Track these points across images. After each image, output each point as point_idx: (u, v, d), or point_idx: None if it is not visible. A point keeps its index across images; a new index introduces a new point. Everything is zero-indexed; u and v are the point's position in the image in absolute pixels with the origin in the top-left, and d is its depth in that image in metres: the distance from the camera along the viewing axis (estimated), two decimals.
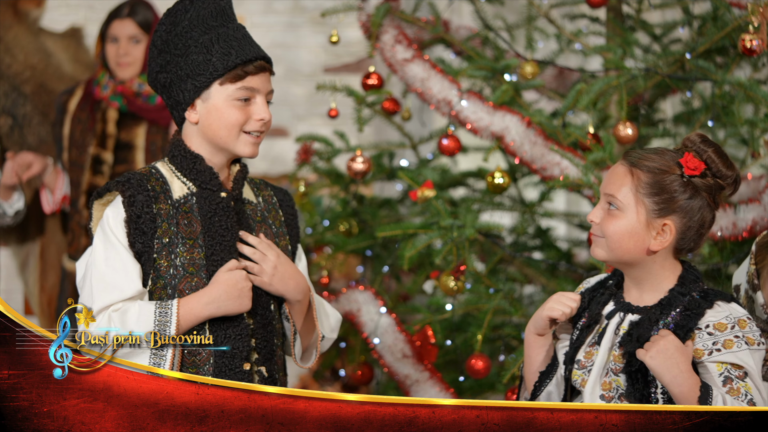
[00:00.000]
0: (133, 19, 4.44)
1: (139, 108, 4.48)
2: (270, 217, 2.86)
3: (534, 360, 2.70)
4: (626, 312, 2.62)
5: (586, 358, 2.62)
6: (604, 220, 2.60)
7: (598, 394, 2.58)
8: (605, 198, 2.62)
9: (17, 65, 4.84)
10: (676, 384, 2.47)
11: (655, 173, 2.60)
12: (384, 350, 3.84)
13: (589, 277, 2.79)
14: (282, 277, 2.76)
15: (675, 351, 2.49)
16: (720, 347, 2.53)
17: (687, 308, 2.57)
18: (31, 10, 4.89)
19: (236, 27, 2.77)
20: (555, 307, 2.64)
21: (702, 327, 2.55)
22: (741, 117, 3.82)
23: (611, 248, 2.60)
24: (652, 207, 2.59)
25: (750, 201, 3.66)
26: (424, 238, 3.77)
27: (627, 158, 2.63)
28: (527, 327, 2.69)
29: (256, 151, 2.77)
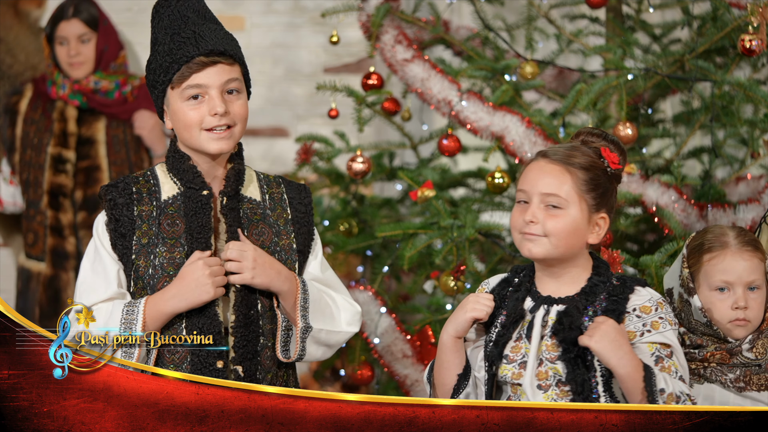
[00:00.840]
0: (79, 18, 4.45)
1: (99, 104, 4.50)
2: (273, 215, 2.85)
3: (452, 363, 2.73)
4: (549, 304, 2.70)
5: (514, 353, 2.68)
6: (546, 219, 2.67)
7: (536, 384, 2.64)
8: (542, 198, 2.67)
9: (18, 65, 4.85)
10: (622, 365, 2.56)
11: (589, 169, 2.70)
12: (384, 350, 3.84)
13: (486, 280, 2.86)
14: (263, 268, 2.74)
15: (617, 334, 2.59)
16: (649, 328, 2.65)
17: (611, 294, 2.68)
18: (31, 10, 4.90)
19: (191, 26, 2.75)
20: (477, 307, 2.71)
21: (630, 310, 2.67)
22: (740, 117, 3.83)
23: (555, 245, 2.67)
24: (590, 202, 2.69)
25: (750, 201, 3.67)
26: (424, 238, 3.77)
27: (553, 157, 2.70)
28: (445, 331, 2.73)
29: (223, 146, 2.76)
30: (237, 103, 2.77)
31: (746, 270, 2.84)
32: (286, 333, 2.80)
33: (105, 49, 4.50)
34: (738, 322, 2.83)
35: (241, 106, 2.78)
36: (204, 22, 2.77)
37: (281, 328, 2.79)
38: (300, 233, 2.87)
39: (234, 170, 2.81)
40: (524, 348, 2.68)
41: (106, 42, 4.50)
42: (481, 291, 2.82)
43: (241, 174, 2.83)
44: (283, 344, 2.80)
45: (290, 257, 2.84)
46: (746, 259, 2.84)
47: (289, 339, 2.81)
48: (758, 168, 4.13)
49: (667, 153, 4.34)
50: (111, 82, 4.51)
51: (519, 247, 2.71)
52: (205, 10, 2.82)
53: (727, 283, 2.84)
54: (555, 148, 2.74)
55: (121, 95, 4.53)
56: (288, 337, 2.80)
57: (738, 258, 2.84)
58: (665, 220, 3.57)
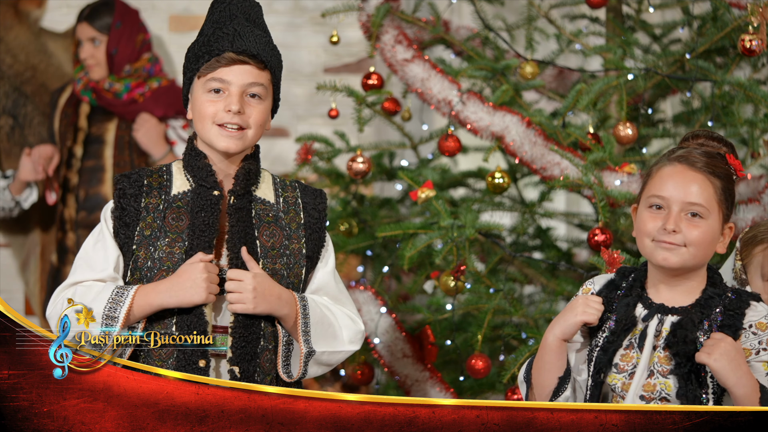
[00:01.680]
0: (88, 22, 4.48)
1: (108, 102, 4.53)
2: (286, 218, 2.85)
3: (554, 365, 2.67)
4: (664, 314, 2.62)
5: (624, 362, 2.61)
6: (688, 228, 2.59)
7: (639, 394, 2.58)
8: (684, 206, 2.59)
9: (18, 65, 4.85)
10: (740, 385, 2.49)
11: (725, 179, 2.63)
12: (384, 350, 3.84)
13: (590, 279, 2.79)
14: (263, 296, 2.73)
15: (736, 353, 2.51)
16: (765, 346, 2.56)
17: (728, 308, 2.59)
18: (32, 10, 4.90)
19: (234, 24, 2.78)
20: (588, 311, 2.64)
21: (746, 327, 2.58)
22: (741, 117, 3.83)
23: (693, 255, 2.59)
24: (725, 212, 2.63)
25: (750, 201, 3.67)
26: (424, 238, 3.77)
27: (696, 165, 2.61)
28: (551, 332, 2.66)
29: (231, 144, 2.77)
30: (257, 107, 2.78)
31: None
32: (287, 348, 2.80)
33: (114, 52, 4.52)
34: None
35: (260, 111, 2.79)
36: (250, 25, 2.79)
37: (282, 343, 2.79)
38: (311, 239, 2.87)
39: (244, 169, 2.82)
40: (635, 358, 2.61)
41: (115, 45, 4.52)
42: (586, 291, 2.75)
43: (251, 174, 2.83)
44: (284, 359, 2.79)
45: (298, 262, 2.84)
46: None
47: (290, 354, 2.81)
48: (758, 168, 4.14)
49: None
50: (122, 84, 4.53)
51: (650, 255, 2.63)
52: (257, 16, 2.84)
53: None
54: (693, 154, 2.64)
55: (131, 96, 4.54)
56: (289, 352, 2.80)
57: None
58: None
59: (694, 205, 2.59)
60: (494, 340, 4.00)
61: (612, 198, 3.55)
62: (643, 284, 2.69)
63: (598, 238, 3.52)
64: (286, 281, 2.80)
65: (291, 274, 2.82)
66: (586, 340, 2.71)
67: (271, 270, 2.78)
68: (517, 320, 3.86)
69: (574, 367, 2.69)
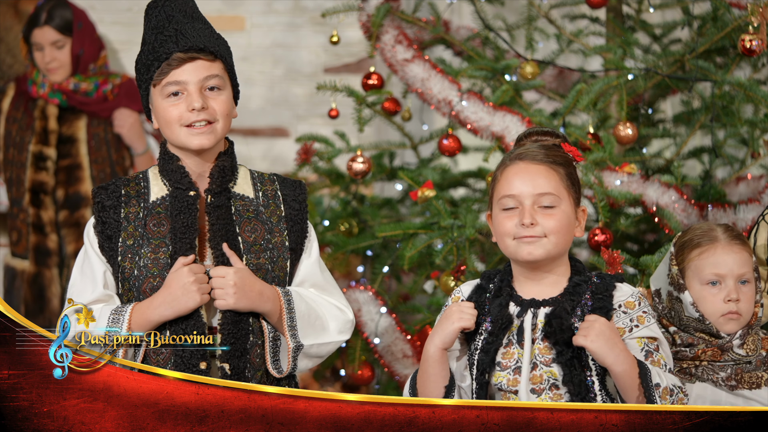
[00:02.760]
0: (51, 26, 4.47)
1: (80, 102, 4.52)
2: (267, 212, 2.85)
3: (439, 375, 2.70)
4: (535, 307, 2.70)
5: (506, 359, 2.68)
6: (543, 219, 2.67)
7: (530, 388, 2.64)
8: (535, 199, 2.67)
9: (18, 65, 4.86)
10: (618, 363, 2.57)
11: (567, 166, 2.72)
12: (384, 350, 3.84)
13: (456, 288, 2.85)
14: (243, 291, 2.73)
15: (611, 332, 2.60)
16: (637, 323, 2.67)
17: (596, 292, 2.69)
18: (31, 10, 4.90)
19: (174, 25, 2.77)
20: (464, 317, 2.69)
21: (616, 307, 2.68)
22: (741, 117, 3.83)
23: (556, 244, 2.68)
24: (574, 196, 2.73)
25: (750, 201, 3.67)
26: (424, 238, 3.77)
27: (535, 158, 2.70)
28: (431, 343, 2.70)
29: (204, 141, 2.76)
30: (218, 99, 2.78)
31: (737, 263, 2.85)
32: (274, 343, 2.79)
33: (81, 53, 4.52)
34: (730, 315, 2.84)
35: (222, 102, 2.78)
36: (189, 21, 2.78)
37: (269, 339, 2.79)
38: (293, 231, 2.87)
39: (218, 167, 2.82)
40: (516, 353, 2.67)
41: (81, 45, 4.52)
42: (456, 299, 2.81)
43: (226, 171, 2.82)
44: (273, 355, 2.79)
45: (282, 255, 2.84)
46: (736, 252, 2.86)
47: (278, 350, 2.80)
48: (758, 168, 4.14)
49: (667, 153, 4.34)
50: (90, 83, 4.53)
51: (515, 253, 2.70)
52: (193, 10, 2.83)
53: (718, 276, 2.85)
54: (530, 149, 2.73)
55: (102, 94, 4.54)
56: (277, 347, 2.80)
57: (729, 251, 2.86)
58: (665, 220, 3.57)
59: (544, 195, 2.68)
60: None
61: (612, 198, 3.55)
62: (510, 283, 2.76)
63: (598, 238, 3.52)
64: (271, 275, 2.80)
65: (276, 267, 2.82)
66: (464, 347, 2.76)
67: (256, 265, 2.78)
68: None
69: (457, 375, 2.74)
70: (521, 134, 2.82)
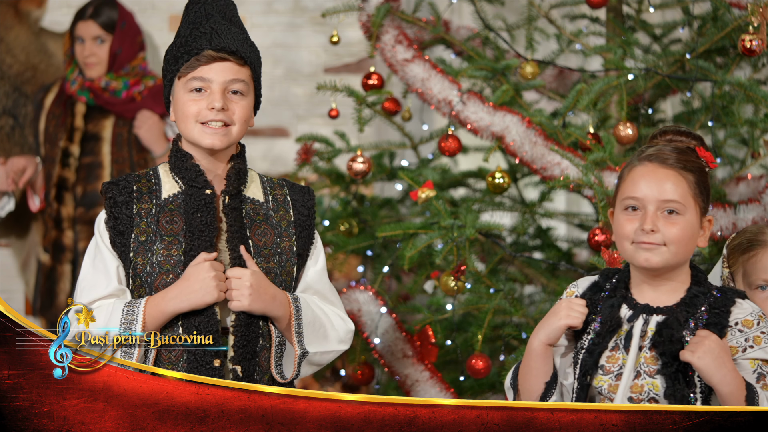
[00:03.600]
0: (95, 21, 4.48)
1: (106, 102, 4.53)
2: (276, 216, 2.86)
3: (541, 370, 2.65)
4: (648, 314, 2.60)
5: (610, 363, 2.60)
6: (666, 227, 2.56)
7: (628, 396, 2.56)
8: (660, 205, 2.57)
9: (18, 66, 4.85)
10: (725, 383, 2.46)
11: (698, 172, 2.61)
12: (384, 350, 3.84)
13: (574, 282, 2.77)
14: (258, 294, 2.73)
15: (721, 351, 2.48)
16: (752, 344, 2.54)
17: (713, 306, 2.57)
18: (32, 10, 4.90)
19: (211, 23, 2.78)
20: (572, 314, 2.61)
21: (732, 324, 2.56)
22: (741, 117, 3.82)
23: (675, 253, 2.57)
24: (701, 205, 2.60)
25: (750, 201, 3.66)
26: (424, 238, 3.76)
27: (667, 162, 2.59)
28: (536, 337, 2.64)
29: (217, 141, 2.76)
30: (239, 104, 2.78)
31: None
32: (279, 348, 2.80)
33: (118, 52, 4.53)
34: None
35: (242, 108, 2.79)
36: (225, 22, 2.79)
37: (275, 344, 2.80)
38: (301, 236, 2.87)
39: (235, 169, 2.82)
40: (621, 359, 2.58)
41: (120, 45, 4.53)
42: (570, 294, 2.72)
43: (242, 173, 2.83)
44: (277, 360, 2.80)
45: (290, 260, 2.84)
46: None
47: (282, 355, 2.81)
48: (758, 168, 4.14)
49: None
50: (120, 82, 4.54)
51: (632, 258, 2.60)
52: (233, 14, 2.84)
53: (767, 281, 2.82)
54: (662, 151, 2.61)
55: (131, 94, 4.55)
56: (281, 352, 2.81)
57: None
58: None
59: (670, 202, 2.57)
60: (494, 340, 4.00)
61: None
62: (627, 285, 2.67)
63: (599, 238, 3.52)
64: (279, 279, 2.81)
65: (283, 272, 2.83)
66: (571, 344, 2.69)
67: (265, 269, 2.79)
68: (517, 320, 3.86)
69: (560, 371, 2.68)
70: (656, 131, 2.70)
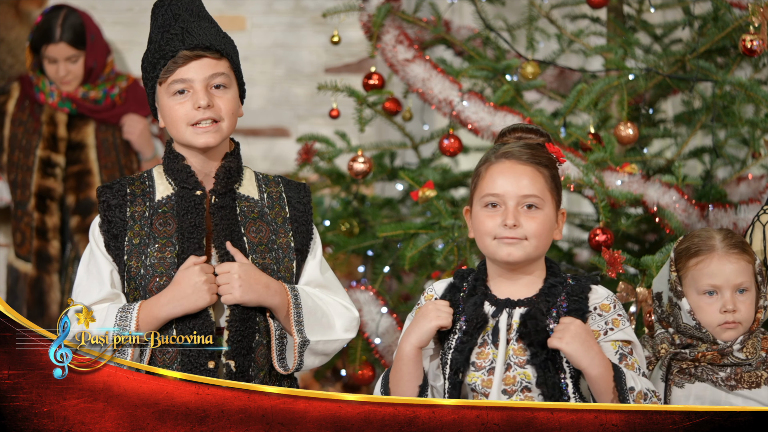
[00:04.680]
0: (66, 42, 4.45)
1: (89, 110, 4.52)
2: (271, 213, 2.86)
3: (413, 375, 2.67)
4: (511, 307, 2.67)
5: (481, 359, 2.64)
6: (526, 221, 2.64)
7: (501, 389, 2.61)
8: (519, 200, 2.64)
9: (20, 66, 4.86)
10: (594, 366, 2.54)
11: (551, 167, 2.69)
12: (385, 350, 3.84)
13: (429, 286, 2.81)
14: (249, 284, 2.73)
15: (587, 335, 2.57)
16: (612, 326, 2.64)
17: (571, 294, 2.66)
18: (33, 10, 4.90)
19: (180, 23, 2.77)
20: (441, 315, 2.66)
21: (591, 309, 2.65)
22: (742, 117, 3.83)
23: (536, 247, 2.65)
24: (556, 199, 2.69)
25: (751, 201, 3.67)
26: (425, 238, 3.76)
27: (522, 158, 2.66)
28: (407, 342, 2.67)
29: (209, 139, 2.76)
30: (224, 98, 2.78)
31: (734, 273, 2.81)
32: (280, 341, 2.80)
33: (94, 66, 4.52)
34: (727, 325, 2.81)
35: (228, 101, 2.79)
36: (195, 19, 2.79)
37: (275, 337, 2.79)
38: (298, 232, 2.87)
39: (224, 168, 2.82)
40: (491, 354, 2.64)
41: (94, 58, 4.52)
42: (429, 298, 2.78)
43: (232, 171, 2.83)
44: (279, 353, 2.79)
45: (288, 255, 2.84)
46: (733, 262, 2.82)
47: (284, 347, 2.81)
48: (759, 168, 4.13)
49: (668, 153, 4.34)
50: (99, 91, 4.53)
51: (494, 253, 2.67)
52: (200, 9, 2.83)
53: (714, 287, 2.82)
54: (514, 149, 2.69)
55: (110, 99, 4.54)
56: (283, 345, 2.80)
57: (725, 261, 2.82)
58: (666, 220, 3.57)
59: (529, 197, 2.64)
60: None
61: (613, 198, 3.55)
62: (485, 282, 2.72)
63: (599, 238, 3.52)
64: (277, 276, 2.81)
65: (282, 268, 2.82)
66: (437, 346, 2.73)
67: (261, 265, 2.79)
68: None
69: (430, 374, 2.71)
70: (505, 129, 2.78)
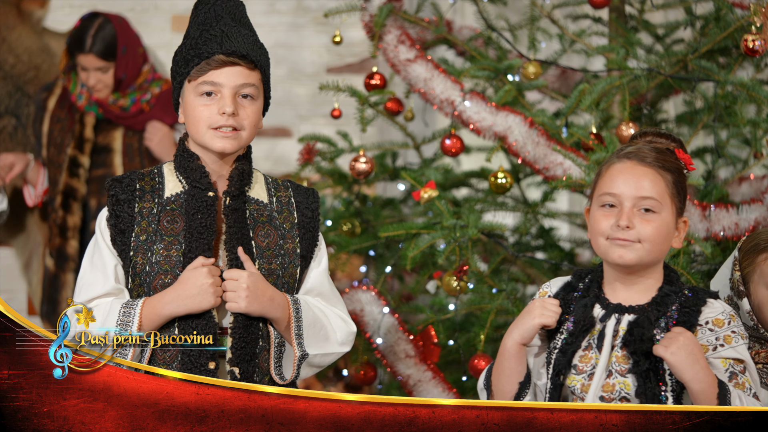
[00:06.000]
0: (95, 53, 4.44)
1: (115, 116, 4.52)
2: (280, 218, 2.85)
3: (514, 371, 2.66)
4: (621, 313, 2.61)
5: (583, 363, 2.60)
6: (641, 224, 2.58)
7: (599, 395, 2.57)
8: (636, 202, 2.58)
9: (21, 65, 4.86)
10: (697, 380, 2.47)
11: (676, 173, 2.62)
12: (387, 350, 3.84)
13: (547, 282, 2.77)
14: (255, 296, 2.72)
15: (695, 347, 2.49)
16: (722, 342, 2.55)
17: (683, 305, 2.58)
18: (34, 10, 4.90)
19: (221, 26, 2.77)
20: (546, 314, 2.62)
21: (702, 323, 2.57)
22: (743, 117, 3.82)
23: (649, 251, 2.58)
24: (678, 206, 2.62)
25: (752, 201, 3.66)
26: (427, 238, 3.76)
27: (646, 160, 2.60)
28: (510, 337, 2.65)
29: (228, 145, 2.76)
30: (249, 108, 2.77)
31: None
32: (279, 350, 2.79)
33: (123, 77, 4.51)
34: None
35: (253, 112, 2.78)
36: (236, 25, 2.79)
37: (274, 345, 2.79)
38: (305, 238, 2.87)
39: (237, 170, 2.82)
40: (594, 358, 2.59)
41: (124, 70, 4.51)
42: (543, 295, 2.73)
43: (245, 174, 2.83)
44: (276, 361, 2.79)
45: (293, 261, 2.84)
46: None
47: (282, 356, 2.80)
48: (761, 168, 4.13)
49: None
50: (128, 99, 4.53)
51: (605, 254, 2.61)
52: (242, 15, 2.83)
53: None
54: (641, 149, 2.63)
55: (139, 106, 4.54)
56: (281, 354, 2.80)
57: None
58: None
59: (646, 199, 2.58)
60: (497, 341, 3.99)
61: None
62: (599, 285, 2.68)
63: None
64: (281, 281, 2.80)
65: (286, 273, 2.82)
66: (544, 344, 2.70)
67: (268, 270, 2.78)
68: None
69: (534, 371, 2.68)
70: (637, 132, 2.72)
